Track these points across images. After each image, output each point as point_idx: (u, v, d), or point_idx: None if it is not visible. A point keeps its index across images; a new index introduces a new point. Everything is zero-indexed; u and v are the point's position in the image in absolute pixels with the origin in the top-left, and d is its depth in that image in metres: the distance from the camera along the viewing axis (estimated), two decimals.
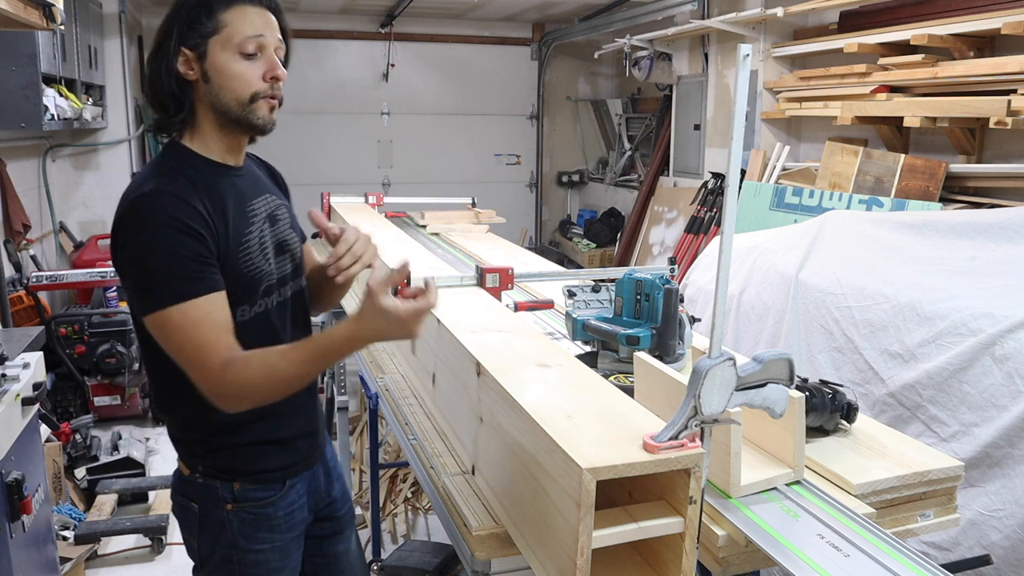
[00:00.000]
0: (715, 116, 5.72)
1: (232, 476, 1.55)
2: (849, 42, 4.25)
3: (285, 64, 1.51)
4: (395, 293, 1.37)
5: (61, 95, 4.48)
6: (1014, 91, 3.38)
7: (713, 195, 5.46)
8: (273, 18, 1.47)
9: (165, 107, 1.47)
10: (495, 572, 1.54)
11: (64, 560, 3.00)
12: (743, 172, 5.02)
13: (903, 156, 4.00)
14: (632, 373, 1.72)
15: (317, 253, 1.83)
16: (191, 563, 1.67)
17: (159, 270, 1.35)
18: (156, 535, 3.40)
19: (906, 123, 3.83)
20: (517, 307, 2.53)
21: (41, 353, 2.50)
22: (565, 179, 8.70)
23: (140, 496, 3.85)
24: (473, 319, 1.89)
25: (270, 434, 1.57)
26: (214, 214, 1.41)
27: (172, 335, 1.36)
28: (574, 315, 2.10)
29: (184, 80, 1.44)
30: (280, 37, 1.48)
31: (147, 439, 4.49)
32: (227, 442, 1.53)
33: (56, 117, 4.31)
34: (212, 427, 1.51)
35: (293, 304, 1.60)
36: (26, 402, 2.27)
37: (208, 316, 1.37)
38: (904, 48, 4.04)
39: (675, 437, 1.18)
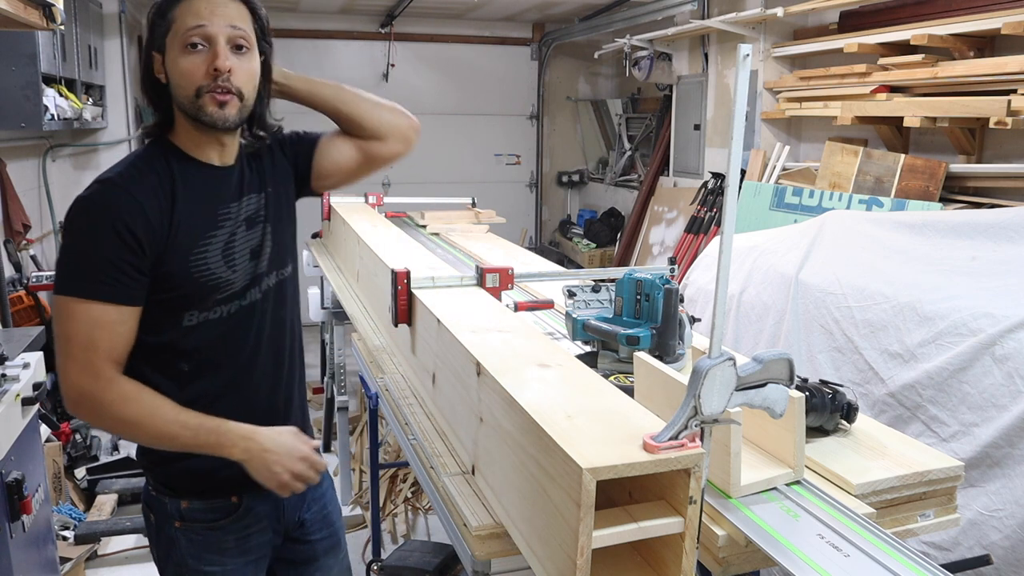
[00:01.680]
0: (715, 116, 5.72)
1: (178, 493, 1.49)
2: (849, 42, 4.25)
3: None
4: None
5: (61, 95, 4.48)
6: (1014, 91, 3.38)
7: (713, 195, 5.46)
8: (230, 4, 1.39)
9: (157, 109, 1.46)
10: (495, 572, 1.54)
11: (64, 560, 3.00)
12: (743, 172, 5.02)
13: (903, 156, 4.00)
14: (632, 373, 1.72)
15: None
16: None
17: (83, 259, 1.33)
18: None
19: (906, 123, 3.83)
20: (517, 307, 2.53)
21: (41, 353, 2.50)
22: (565, 179, 8.70)
23: (140, 496, 3.84)
24: (473, 319, 1.89)
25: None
26: (164, 215, 1.36)
27: (66, 323, 1.33)
28: (574, 315, 2.10)
29: (160, 84, 1.42)
30: (235, 24, 1.38)
31: None
32: (168, 453, 1.43)
33: (56, 117, 4.31)
34: None
35: (265, 305, 1.52)
36: (26, 402, 2.27)
37: (108, 325, 1.33)
38: (904, 48, 4.04)
39: (675, 437, 1.18)
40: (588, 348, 2.13)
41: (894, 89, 4.06)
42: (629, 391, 1.58)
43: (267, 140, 1.55)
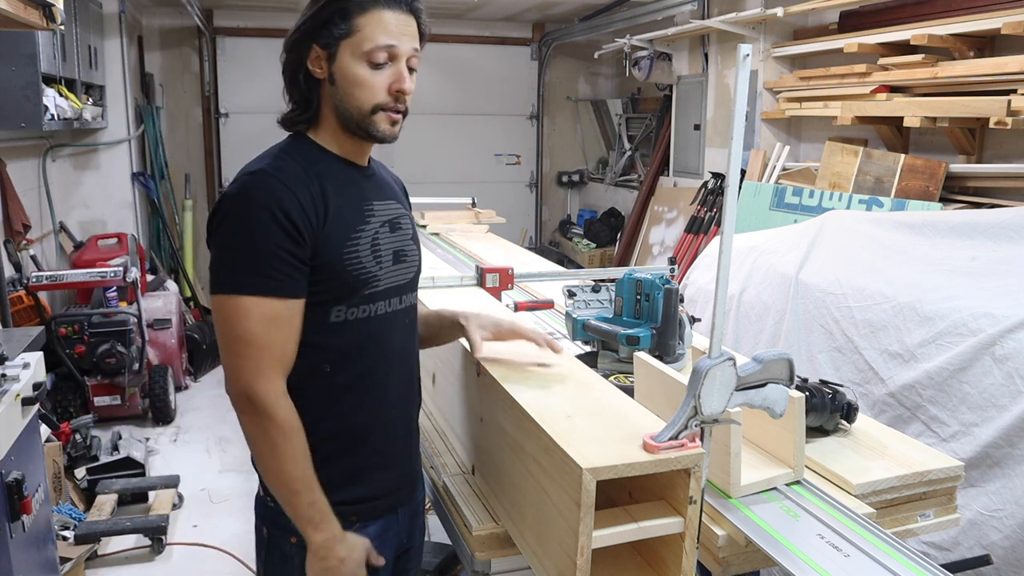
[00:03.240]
0: (715, 116, 5.72)
1: None
2: (849, 42, 4.25)
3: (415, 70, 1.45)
4: None
5: (61, 95, 4.48)
6: (1014, 91, 3.38)
7: (713, 195, 5.46)
8: (413, 22, 1.39)
9: (301, 102, 1.43)
10: (495, 572, 1.54)
11: (64, 560, 3.00)
12: (743, 172, 5.02)
13: (903, 156, 4.00)
14: (632, 373, 1.72)
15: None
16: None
17: (249, 254, 1.29)
18: (156, 535, 3.40)
19: (906, 123, 3.83)
20: (517, 307, 2.53)
21: (41, 353, 2.50)
22: (565, 179, 8.70)
23: (140, 496, 3.84)
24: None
25: (351, 461, 1.44)
26: (318, 204, 1.34)
27: (238, 323, 1.28)
28: (574, 315, 2.10)
29: (312, 77, 1.39)
30: (416, 46, 1.40)
31: (147, 439, 4.49)
32: None
33: (56, 117, 4.31)
34: None
35: (405, 319, 1.50)
36: (26, 402, 2.27)
37: (280, 321, 1.30)
38: (904, 48, 4.04)
39: (675, 437, 1.18)
40: (588, 348, 2.13)
41: (894, 89, 4.06)
42: (629, 391, 1.58)
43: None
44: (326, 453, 1.39)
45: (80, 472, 3.82)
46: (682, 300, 2.02)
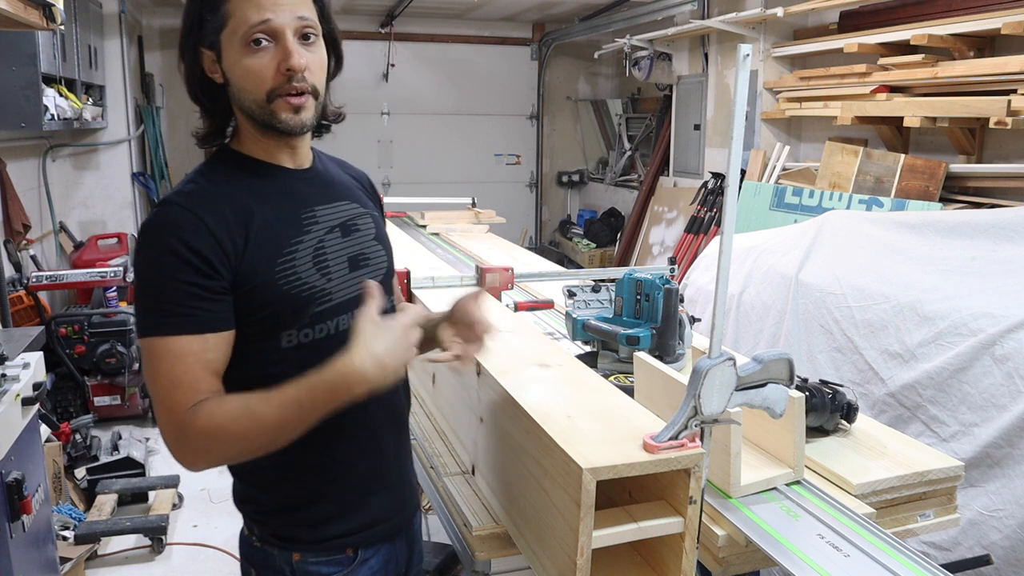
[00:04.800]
0: (715, 116, 5.72)
1: (290, 544, 1.32)
2: (849, 42, 4.25)
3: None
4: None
5: (61, 95, 4.48)
6: (1014, 91, 3.38)
7: (713, 195, 5.46)
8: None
9: (209, 113, 1.30)
10: (495, 572, 1.54)
11: (64, 560, 3.00)
12: (743, 172, 5.02)
13: (903, 156, 4.00)
14: (632, 373, 1.72)
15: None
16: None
17: (153, 296, 1.18)
18: (156, 535, 3.40)
19: (906, 123, 3.83)
20: (517, 307, 2.53)
21: (41, 353, 2.50)
22: (565, 179, 8.70)
23: (140, 496, 3.85)
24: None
25: (344, 489, 1.32)
26: (235, 227, 1.21)
27: (149, 363, 1.18)
28: (574, 315, 2.10)
29: (214, 84, 1.25)
30: (301, 14, 1.21)
31: (147, 439, 4.48)
32: (282, 500, 1.31)
33: (56, 117, 4.31)
34: (264, 481, 1.31)
35: None
36: (26, 402, 2.27)
37: (190, 355, 1.17)
38: (904, 48, 4.04)
39: (675, 437, 1.18)
40: (588, 348, 2.13)
41: (894, 89, 4.06)
42: (629, 391, 1.58)
43: (330, 130, 1.40)
44: (315, 486, 1.31)
45: (80, 472, 3.82)
46: (682, 300, 2.02)
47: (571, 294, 2.21)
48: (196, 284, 1.17)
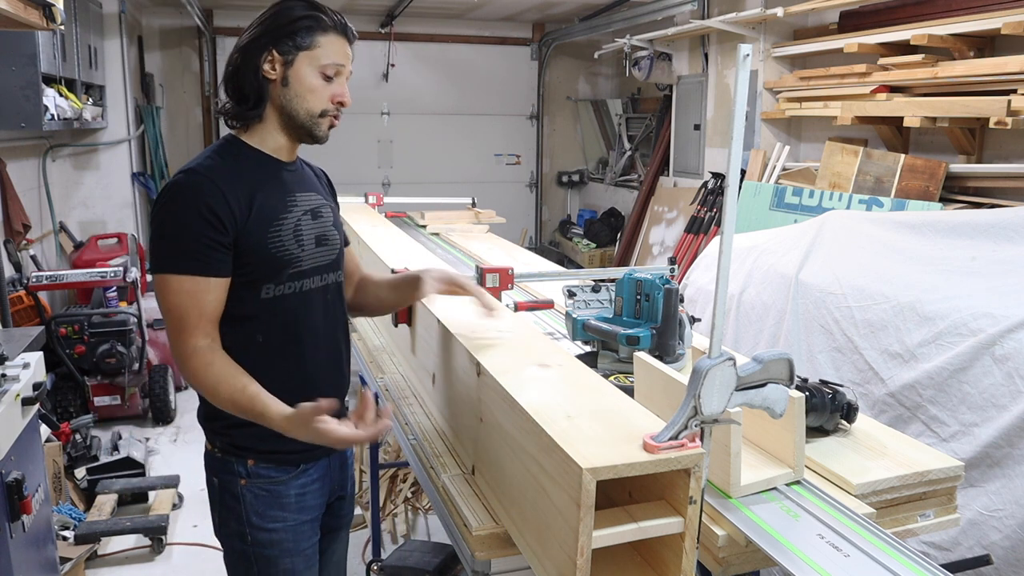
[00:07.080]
0: (715, 116, 5.72)
1: (246, 453, 1.65)
2: (849, 42, 4.25)
3: None
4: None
5: (61, 95, 4.48)
6: (1014, 91, 3.38)
7: (713, 195, 5.46)
8: (351, 53, 1.66)
9: (244, 98, 1.61)
10: (495, 572, 1.54)
11: (64, 560, 3.00)
12: (743, 172, 5.02)
13: (903, 156, 4.00)
14: (632, 373, 1.72)
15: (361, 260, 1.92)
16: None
17: (173, 239, 1.52)
18: (156, 535, 3.40)
19: (906, 123, 3.83)
20: (517, 307, 2.53)
21: (41, 353, 2.50)
22: (565, 179, 8.70)
23: (140, 496, 3.85)
24: (473, 319, 1.89)
25: None
26: (242, 200, 1.56)
27: (165, 297, 1.54)
28: (574, 315, 2.10)
29: (264, 77, 1.59)
30: (351, 69, 1.67)
31: (147, 439, 4.49)
32: (243, 421, 1.58)
33: (56, 117, 4.31)
34: None
35: (326, 295, 1.72)
36: (26, 402, 2.27)
37: (198, 294, 1.53)
38: (904, 48, 4.04)
39: (675, 437, 1.18)
40: (588, 348, 2.13)
41: (894, 89, 4.06)
42: (629, 391, 1.58)
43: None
44: None
45: (80, 472, 3.82)
46: (682, 300, 2.02)
47: (571, 294, 2.21)
48: (209, 238, 1.52)
